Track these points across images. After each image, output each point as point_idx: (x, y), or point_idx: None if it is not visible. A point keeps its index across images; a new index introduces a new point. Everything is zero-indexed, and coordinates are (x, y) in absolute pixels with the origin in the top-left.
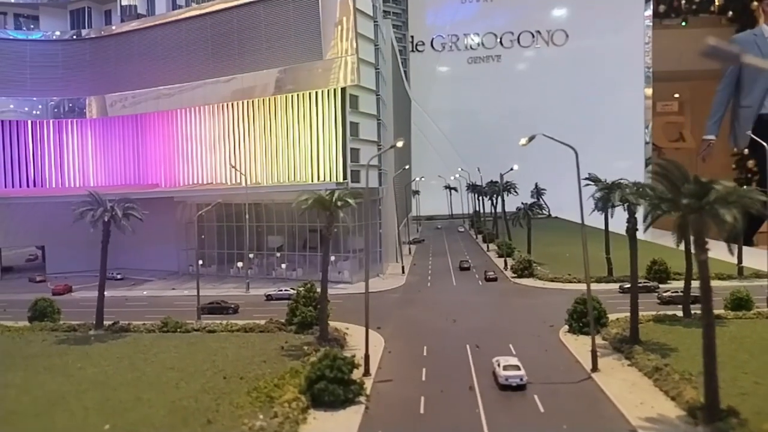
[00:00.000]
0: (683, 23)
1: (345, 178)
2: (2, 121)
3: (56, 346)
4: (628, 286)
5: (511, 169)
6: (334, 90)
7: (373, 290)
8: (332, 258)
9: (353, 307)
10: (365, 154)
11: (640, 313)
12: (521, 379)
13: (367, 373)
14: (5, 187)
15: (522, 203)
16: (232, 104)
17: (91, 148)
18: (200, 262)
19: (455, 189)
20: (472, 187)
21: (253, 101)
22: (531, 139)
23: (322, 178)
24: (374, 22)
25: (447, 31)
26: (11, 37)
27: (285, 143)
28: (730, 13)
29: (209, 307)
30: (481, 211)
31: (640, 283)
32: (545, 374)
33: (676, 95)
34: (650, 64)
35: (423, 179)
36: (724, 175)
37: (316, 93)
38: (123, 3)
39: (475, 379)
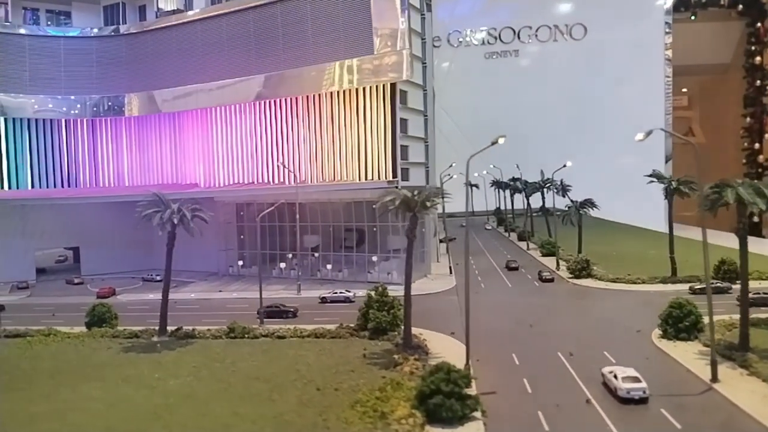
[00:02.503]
0: (692, 17)
1: (395, 176)
2: (36, 120)
3: (124, 354)
4: (700, 287)
5: (564, 166)
6: (383, 85)
7: (427, 292)
8: (374, 258)
9: (414, 310)
10: (414, 151)
11: (727, 317)
12: (644, 392)
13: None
14: (39, 186)
15: (572, 201)
16: (276, 101)
17: (125, 147)
18: (240, 263)
19: (476, 186)
20: (504, 185)
21: (297, 98)
22: (648, 134)
23: (370, 177)
24: (421, 15)
25: (463, 26)
26: (45, 34)
27: (330, 141)
28: (740, 6)
29: (268, 311)
30: (507, 208)
31: (711, 283)
32: (660, 385)
33: (685, 90)
34: (671, 56)
35: (452, 177)
36: (734, 169)
37: (364, 89)
38: (160, 4)
39: (585, 390)
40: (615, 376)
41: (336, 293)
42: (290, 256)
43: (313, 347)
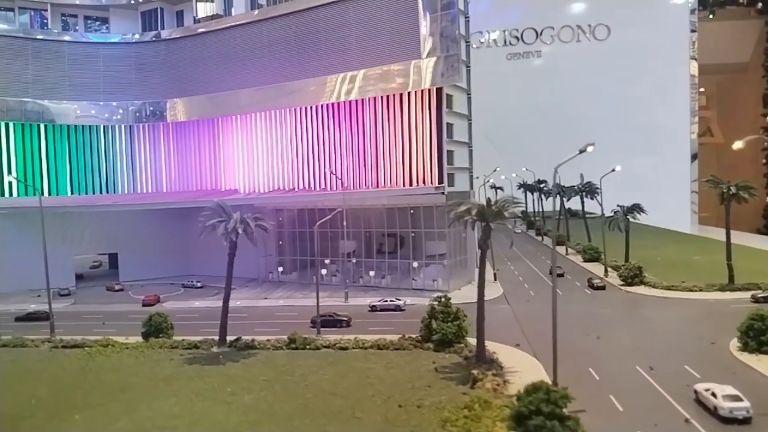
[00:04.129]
0: (711, 16)
1: (441, 181)
2: (75, 126)
3: (188, 366)
4: (763, 295)
5: (613, 170)
6: (429, 90)
7: (475, 300)
8: (415, 264)
9: (471, 320)
10: (458, 156)
11: None
12: (747, 411)
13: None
14: (78, 192)
15: (618, 205)
16: (318, 107)
17: (164, 153)
18: (281, 269)
19: (501, 188)
20: (532, 187)
21: (340, 103)
22: (747, 141)
23: (415, 183)
24: (465, 17)
25: (484, 27)
26: (86, 41)
27: (374, 146)
28: (759, 5)
29: (322, 320)
30: (536, 211)
31: None
32: (757, 403)
33: (702, 89)
34: (696, 55)
35: (488, 181)
36: (753, 169)
37: (408, 93)
38: (200, 12)
39: (680, 408)
40: (713, 394)
41: (386, 301)
42: (327, 261)
43: (379, 360)
